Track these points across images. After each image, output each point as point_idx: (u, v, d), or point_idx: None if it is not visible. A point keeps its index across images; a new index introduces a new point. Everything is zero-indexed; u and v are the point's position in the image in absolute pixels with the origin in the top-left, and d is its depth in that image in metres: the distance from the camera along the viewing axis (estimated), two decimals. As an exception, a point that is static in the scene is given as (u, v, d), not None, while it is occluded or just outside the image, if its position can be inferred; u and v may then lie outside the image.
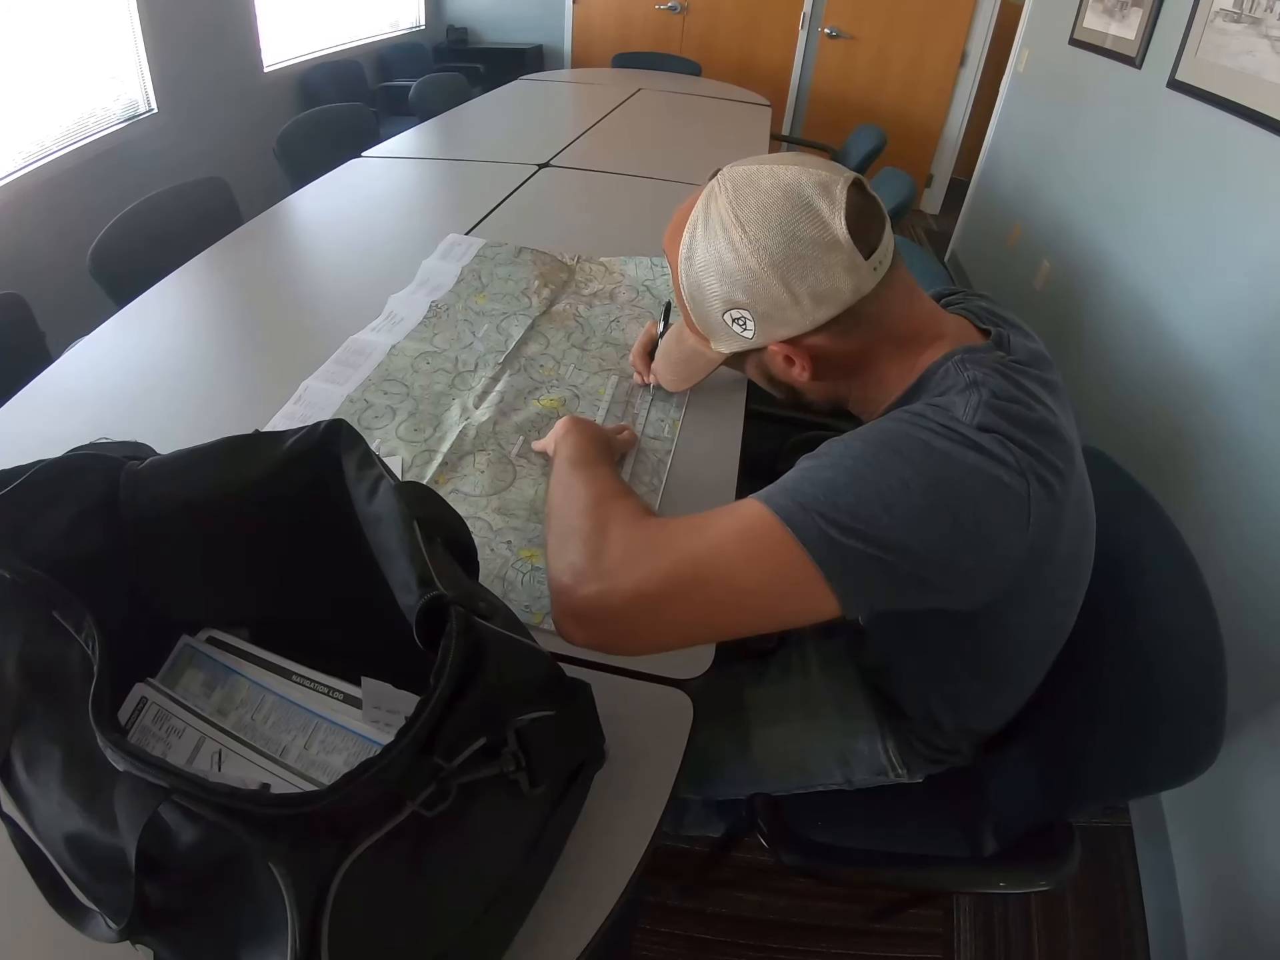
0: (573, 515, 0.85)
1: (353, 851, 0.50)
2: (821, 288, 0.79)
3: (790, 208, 0.78)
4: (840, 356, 0.85)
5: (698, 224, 0.83)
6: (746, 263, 0.79)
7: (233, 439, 0.74)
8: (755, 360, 0.93)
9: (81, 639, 0.59)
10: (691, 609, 0.75)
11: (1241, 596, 1.63)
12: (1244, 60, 2.11)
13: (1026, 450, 0.72)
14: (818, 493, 0.71)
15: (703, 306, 0.87)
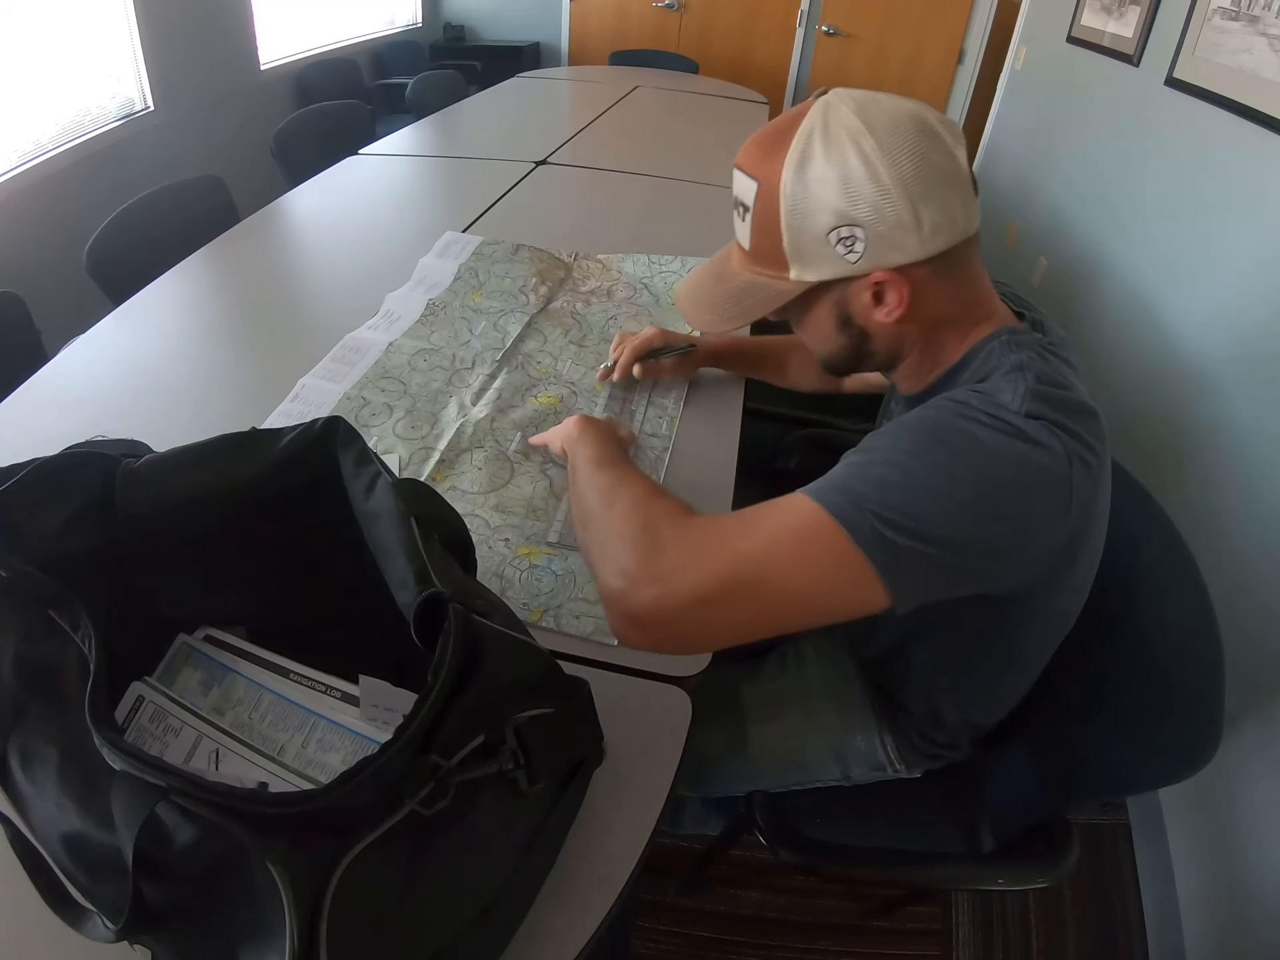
0: (615, 518, 0.82)
1: (351, 850, 0.50)
2: (941, 217, 0.76)
3: (918, 130, 0.76)
4: (927, 301, 0.81)
5: (814, 132, 0.77)
6: (877, 175, 0.74)
7: (229, 436, 0.74)
8: (834, 298, 0.84)
9: (78, 638, 0.59)
10: (748, 608, 0.75)
11: (1238, 593, 1.63)
12: (1242, 58, 2.11)
13: (1070, 434, 0.73)
14: (869, 490, 0.71)
15: (804, 223, 0.79)
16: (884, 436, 0.76)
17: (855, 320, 0.85)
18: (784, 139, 0.79)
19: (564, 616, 0.98)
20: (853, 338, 0.87)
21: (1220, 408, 1.98)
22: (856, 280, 0.81)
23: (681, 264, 1.80)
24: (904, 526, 0.70)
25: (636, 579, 0.75)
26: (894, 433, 0.76)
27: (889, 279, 0.79)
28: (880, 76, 5.40)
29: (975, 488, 0.71)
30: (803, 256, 0.81)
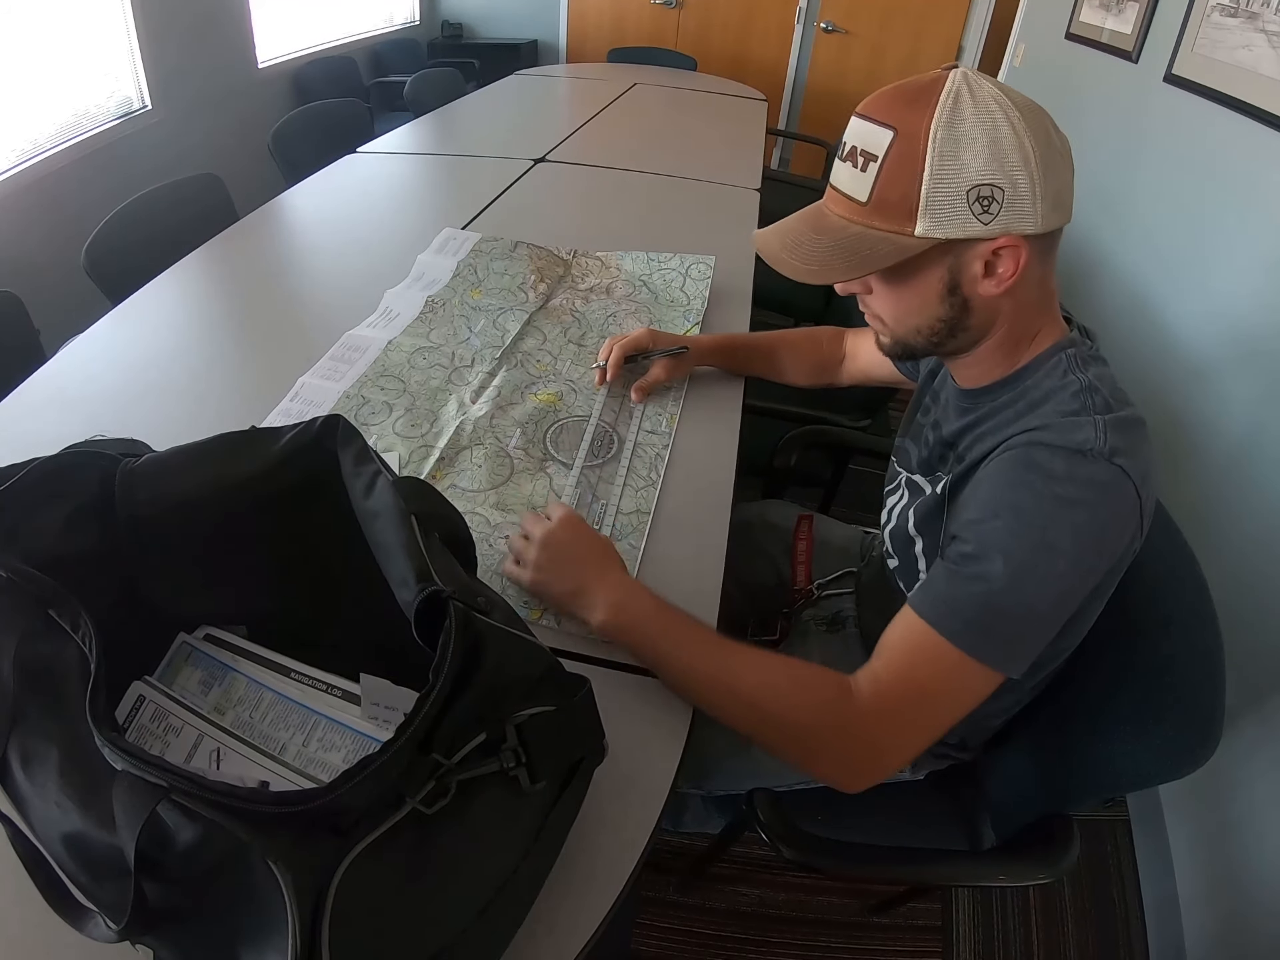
0: (778, 699, 0.87)
1: (352, 849, 0.50)
2: (1060, 197, 0.80)
3: (1042, 115, 0.79)
4: (1027, 280, 0.84)
5: (962, 93, 0.78)
6: (1022, 143, 0.77)
7: (228, 435, 0.74)
8: (949, 261, 0.83)
9: (78, 638, 0.59)
10: (933, 731, 0.87)
11: (1237, 589, 1.63)
12: (1240, 55, 2.11)
13: (1138, 459, 0.79)
14: (993, 621, 0.80)
15: (948, 175, 0.78)
16: (993, 551, 0.80)
17: (962, 289, 0.85)
18: (929, 93, 0.79)
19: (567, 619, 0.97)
20: (954, 308, 0.87)
21: (1219, 404, 1.98)
22: (977, 245, 0.81)
23: (680, 261, 1.79)
24: (1029, 635, 0.81)
25: (854, 782, 0.88)
26: (1001, 541, 0.80)
27: (1010, 246, 0.80)
28: (879, 73, 5.40)
29: (1078, 567, 0.80)
30: (936, 211, 0.80)
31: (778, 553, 1.46)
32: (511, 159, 2.56)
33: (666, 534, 1.12)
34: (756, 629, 1.35)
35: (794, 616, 1.36)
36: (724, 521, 1.14)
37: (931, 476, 1.03)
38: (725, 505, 1.17)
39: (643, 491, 1.17)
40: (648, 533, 1.11)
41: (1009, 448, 0.83)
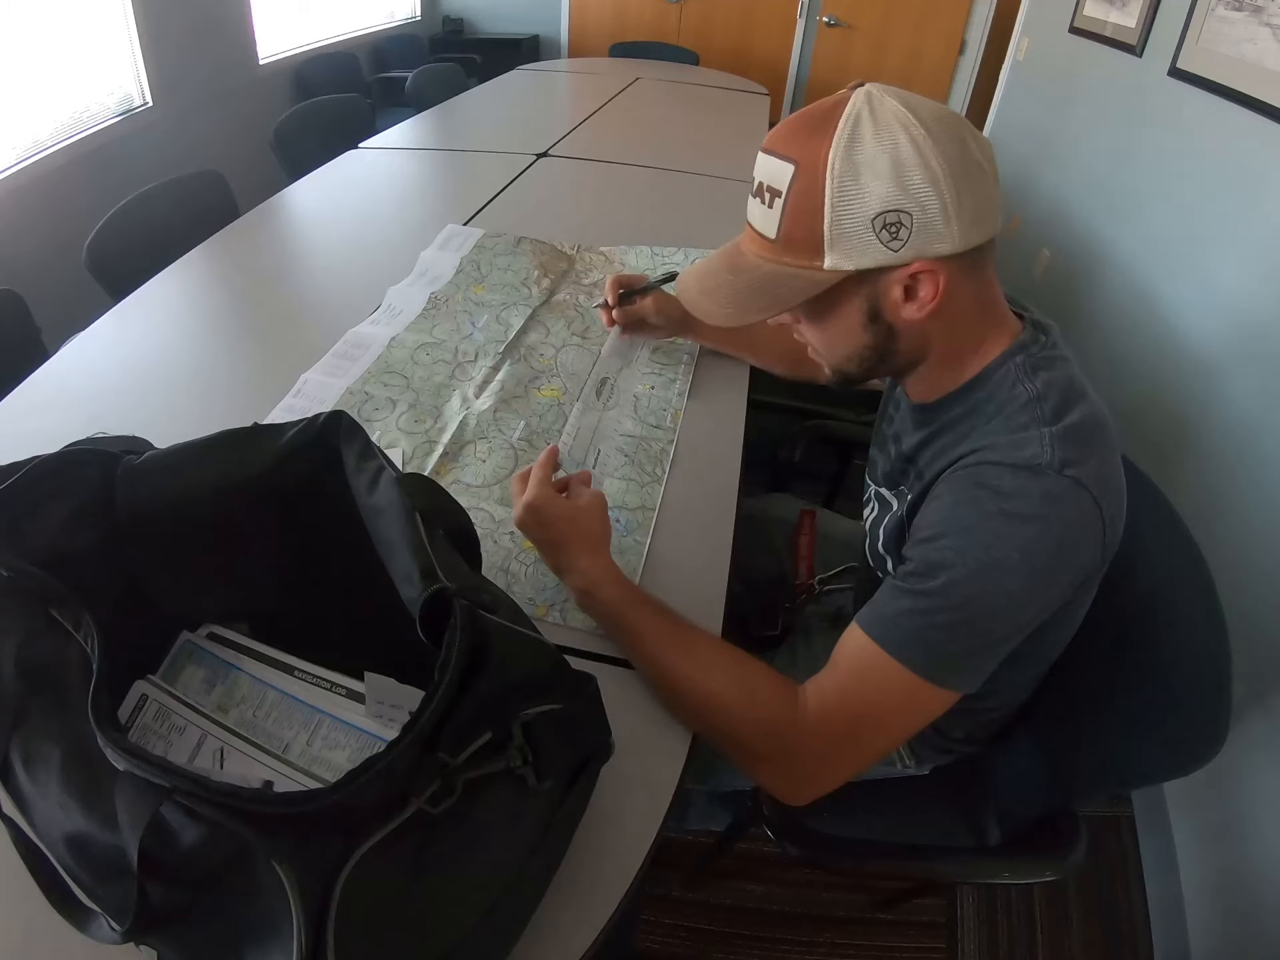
0: (723, 709, 0.85)
1: (357, 849, 0.49)
2: (980, 211, 0.76)
3: (958, 123, 0.76)
4: (955, 298, 0.81)
5: (861, 117, 0.75)
6: (928, 162, 0.73)
7: (230, 432, 0.74)
8: (866, 290, 0.81)
9: (80, 637, 0.59)
10: (878, 749, 0.87)
11: (1243, 584, 1.63)
12: (1245, 48, 2.10)
13: (1095, 466, 0.77)
14: (946, 643, 0.78)
15: (851, 205, 0.76)
16: (940, 571, 0.78)
17: (884, 315, 0.83)
18: (828, 121, 0.77)
19: (570, 611, 0.97)
20: (879, 335, 0.85)
21: (1224, 400, 1.97)
22: (892, 272, 0.78)
23: (684, 255, 1.79)
24: (981, 653, 0.80)
25: (793, 796, 0.86)
26: (948, 562, 0.78)
27: (927, 270, 0.77)
28: (881, 67, 5.39)
29: (1032, 587, 0.78)
30: (843, 243, 0.78)
31: (781, 547, 1.45)
32: (514, 154, 2.55)
33: (672, 530, 1.11)
34: (759, 624, 1.34)
35: (796, 612, 1.36)
36: (729, 517, 1.14)
37: (895, 491, 1.02)
38: (731, 501, 1.17)
39: (648, 487, 1.17)
40: (653, 528, 1.10)
41: (960, 467, 0.82)
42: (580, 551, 0.94)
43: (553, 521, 0.94)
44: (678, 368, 1.44)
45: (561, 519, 0.94)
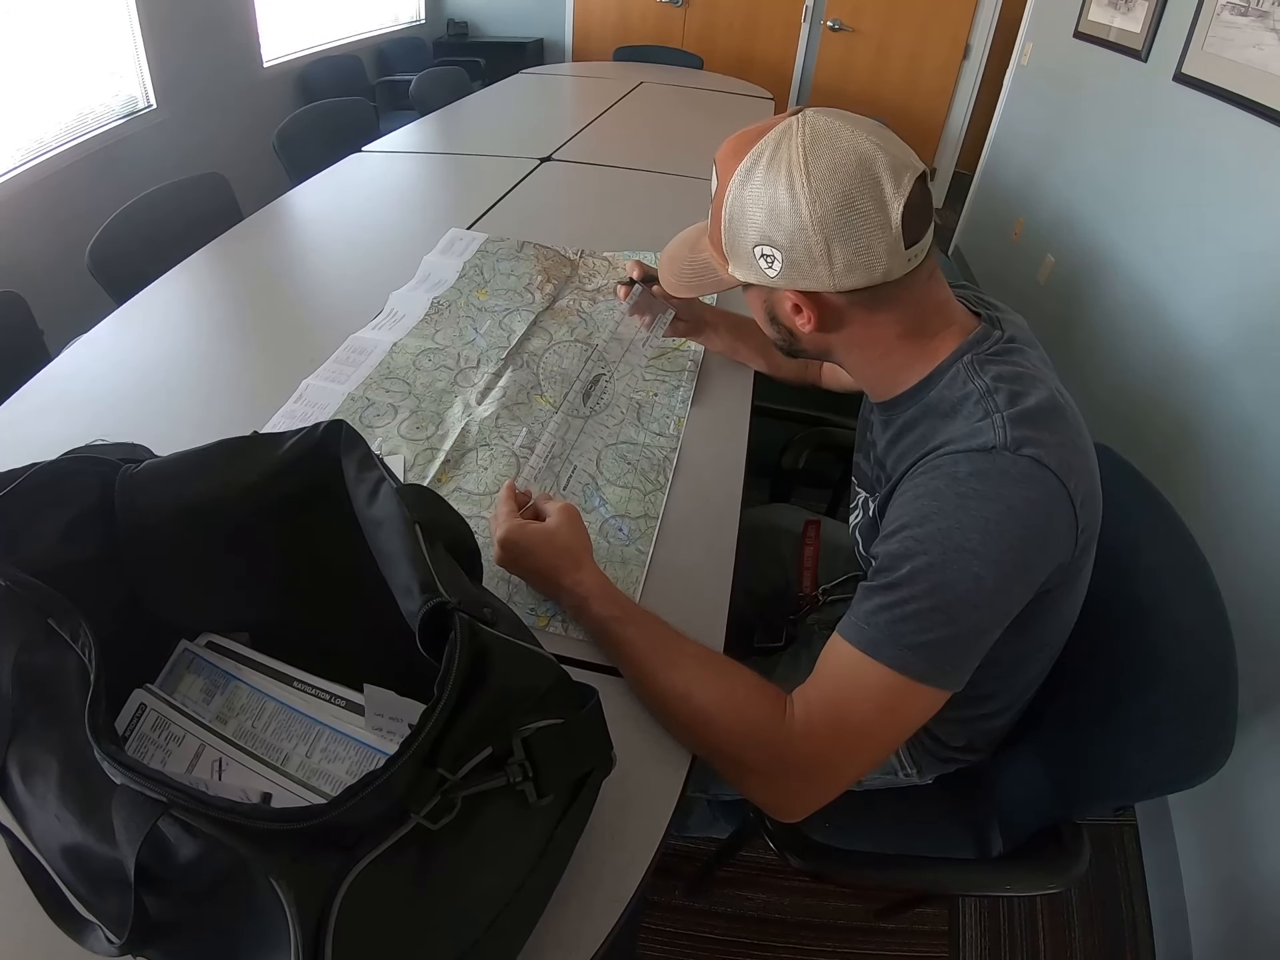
0: (710, 723, 0.84)
1: (356, 865, 0.49)
2: (857, 260, 0.80)
3: (858, 178, 0.78)
4: (847, 322, 0.88)
5: (764, 155, 0.82)
6: (799, 210, 0.79)
7: (230, 441, 0.73)
8: (764, 295, 0.92)
9: (78, 647, 0.58)
10: (869, 758, 0.85)
11: (1247, 592, 1.62)
12: (1250, 54, 2.09)
13: (1055, 447, 0.78)
14: (917, 633, 0.77)
15: (737, 231, 0.86)
16: (904, 561, 0.79)
17: (781, 320, 0.93)
18: (745, 148, 0.84)
19: (572, 622, 0.97)
20: (781, 333, 0.96)
21: (1229, 406, 1.96)
22: (777, 291, 0.88)
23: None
24: (957, 643, 0.78)
25: (786, 811, 0.86)
26: (911, 550, 0.79)
27: (799, 299, 0.86)
28: (885, 72, 5.39)
29: (1002, 570, 0.77)
30: (735, 257, 0.90)
31: (786, 557, 1.45)
32: (517, 158, 2.55)
33: (675, 539, 1.11)
34: (763, 635, 1.34)
35: (800, 622, 1.36)
36: (733, 526, 1.13)
37: (873, 495, 1.03)
38: (734, 509, 1.16)
39: (650, 495, 1.16)
40: (655, 538, 1.10)
41: (921, 464, 0.84)
42: (563, 571, 0.94)
43: (530, 550, 0.94)
44: (681, 375, 1.43)
45: (537, 545, 0.94)
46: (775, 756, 0.82)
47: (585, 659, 0.93)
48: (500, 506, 0.99)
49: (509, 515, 0.97)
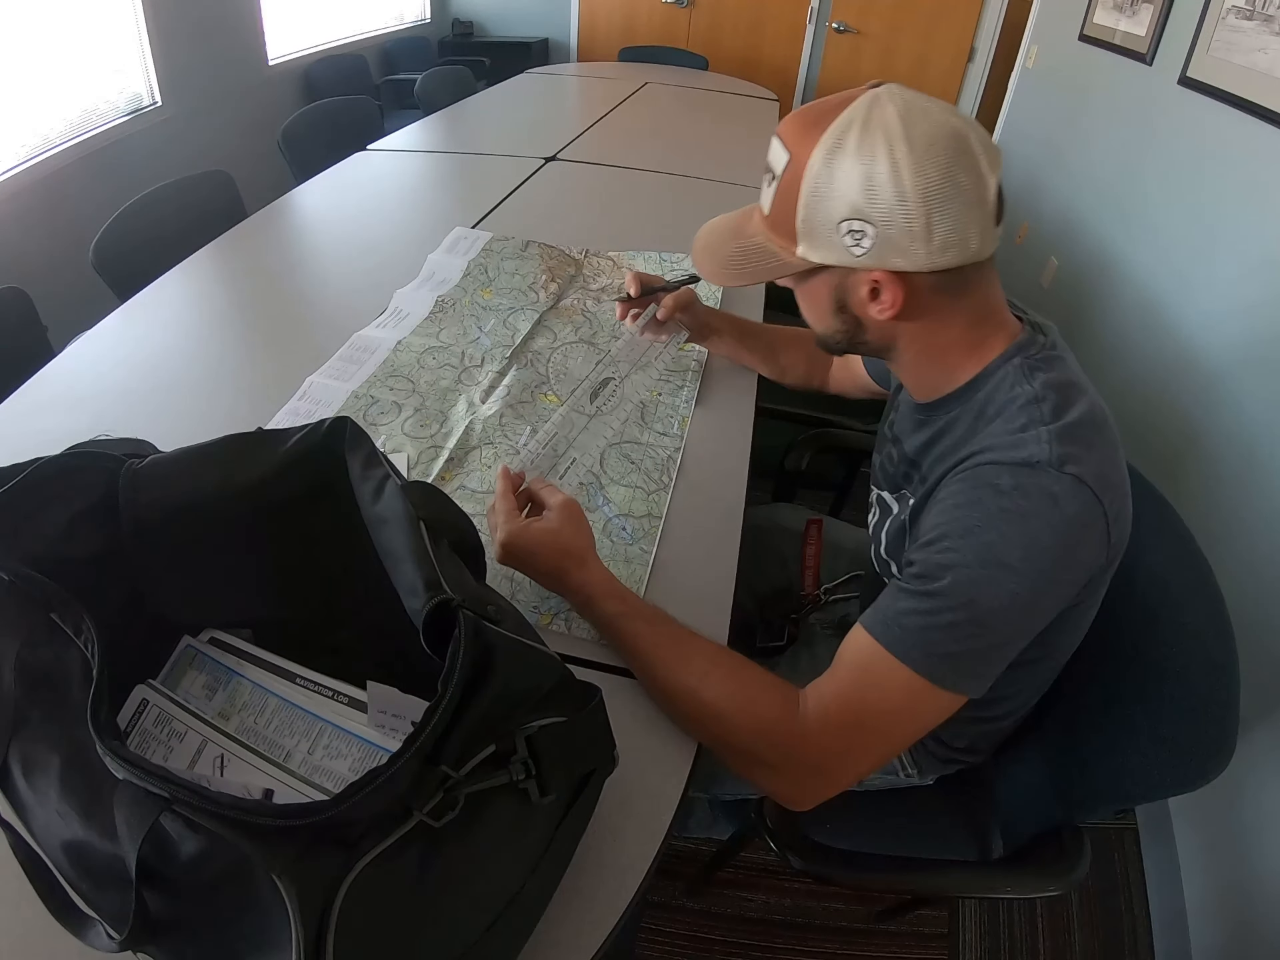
0: (722, 718, 0.85)
1: (358, 862, 0.49)
2: (953, 237, 0.77)
3: (956, 151, 0.76)
4: (926, 309, 0.84)
5: (854, 126, 0.77)
6: (900, 182, 0.75)
7: (235, 437, 0.73)
8: (834, 281, 0.86)
9: (80, 642, 0.58)
10: (882, 753, 0.86)
11: (1250, 596, 1.62)
12: (1256, 58, 2.09)
13: (1095, 464, 0.78)
14: (948, 643, 0.78)
15: (820, 207, 0.80)
16: (945, 572, 0.78)
17: (851, 308, 0.87)
18: (824, 121, 0.79)
19: (575, 619, 0.97)
20: (846, 324, 0.90)
21: (1234, 411, 1.96)
22: (856, 273, 0.83)
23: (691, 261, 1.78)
24: (986, 655, 0.79)
25: (796, 800, 0.86)
26: (951, 561, 0.78)
27: (886, 280, 0.81)
28: (890, 74, 5.30)
29: (1035, 585, 0.77)
30: (812, 237, 0.83)
31: (788, 557, 1.45)
32: (522, 157, 2.55)
33: (678, 538, 1.11)
34: (764, 634, 1.34)
35: (801, 621, 1.35)
36: (736, 526, 1.13)
37: (898, 494, 1.02)
38: (738, 509, 1.16)
39: (654, 495, 1.16)
40: (659, 538, 1.10)
41: (962, 469, 0.83)
42: (567, 570, 0.93)
43: (532, 552, 0.93)
44: (685, 375, 1.43)
45: (539, 546, 0.93)
46: (788, 751, 0.83)
47: (589, 658, 0.93)
48: (499, 503, 0.96)
49: (509, 515, 0.95)
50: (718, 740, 0.85)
